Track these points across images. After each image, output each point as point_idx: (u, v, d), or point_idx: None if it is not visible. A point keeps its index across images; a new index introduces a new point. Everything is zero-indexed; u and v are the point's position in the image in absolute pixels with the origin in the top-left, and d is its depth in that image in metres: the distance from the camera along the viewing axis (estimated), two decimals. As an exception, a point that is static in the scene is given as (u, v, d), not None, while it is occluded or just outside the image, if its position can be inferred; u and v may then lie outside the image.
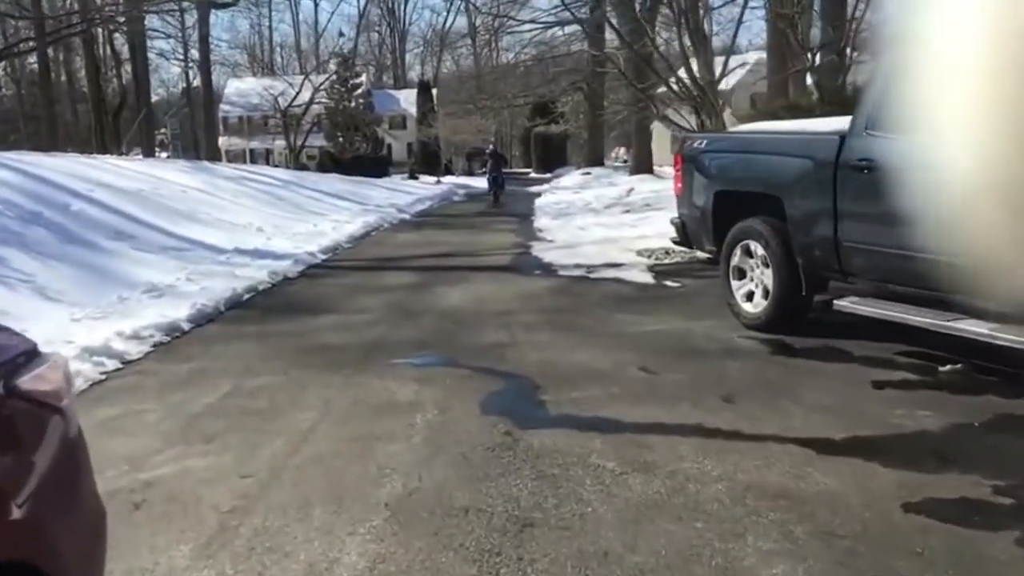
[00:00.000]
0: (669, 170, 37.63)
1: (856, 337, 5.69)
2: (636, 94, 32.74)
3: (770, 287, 5.91)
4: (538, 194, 26.55)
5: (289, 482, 3.81)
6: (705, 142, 6.67)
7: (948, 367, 4.99)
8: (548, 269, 9.66)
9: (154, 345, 6.55)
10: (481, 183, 41.01)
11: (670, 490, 3.53)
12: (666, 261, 9.77)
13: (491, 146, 34.55)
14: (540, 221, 15.45)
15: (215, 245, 11.28)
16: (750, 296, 6.18)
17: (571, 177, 38.30)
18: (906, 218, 4.29)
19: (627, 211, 15.56)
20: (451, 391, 5.06)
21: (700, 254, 9.44)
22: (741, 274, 6.26)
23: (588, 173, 38.87)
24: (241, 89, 62.09)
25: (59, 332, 6.68)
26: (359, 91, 53.93)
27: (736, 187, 6.25)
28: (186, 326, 7.19)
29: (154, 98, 78.13)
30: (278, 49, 78.20)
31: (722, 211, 6.34)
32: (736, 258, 6.24)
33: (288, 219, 15.09)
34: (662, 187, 19.27)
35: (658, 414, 4.46)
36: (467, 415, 4.62)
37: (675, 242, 7.35)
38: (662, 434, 4.19)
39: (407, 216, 18.59)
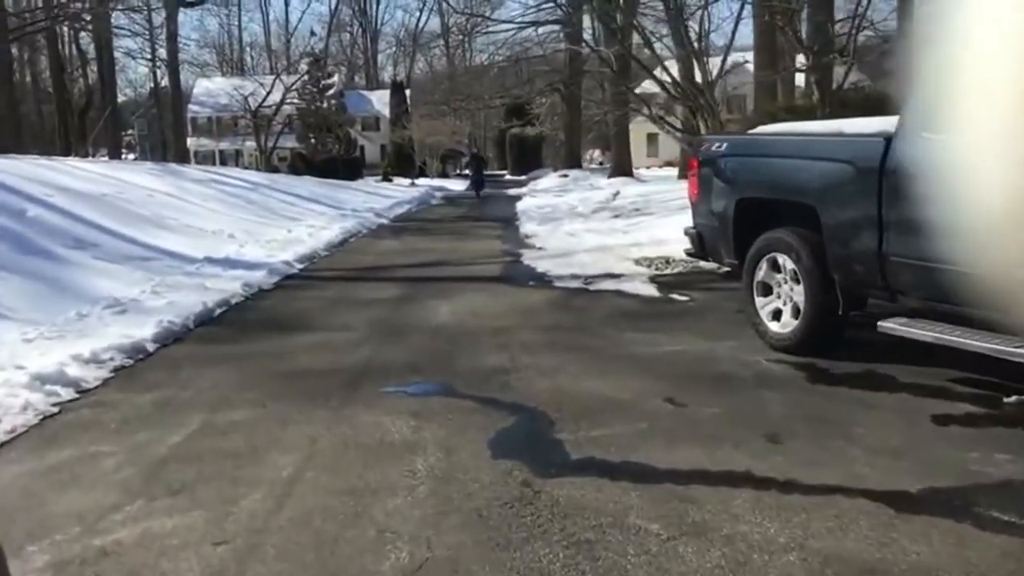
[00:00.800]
0: (647, 172, 37.46)
1: (897, 360, 5.16)
2: (617, 95, 32.53)
3: (801, 305, 5.36)
4: (518, 197, 25.99)
5: (272, 552, 3.18)
6: (725, 145, 6.10)
7: (1014, 398, 4.46)
8: (543, 280, 9.06)
9: (115, 370, 5.87)
10: (457, 185, 40.65)
11: (732, 563, 2.95)
12: (667, 271, 9.22)
13: (473, 149, 35.48)
14: (526, 227, 14.85)
15: (184, 254, 10.57)
16: (777, 315, 5.63)
17: (549, 179, 37.85)
18: (966, 230, 3.75)
19: (616, 216, 15.02)
20: (453, 428, 4.45)
21: (704, 264, 8.91)
22: (767, 290, 5.71)
23: (566, 175, 38.41)
24: (210, 89, 61.03)
25: (8, 355, 5.99)
26: (331, 92, 53.12)
27: (762, 194, 5.69)
28: (151, 347, 6.51)
29: (121, 98, 76.86)
30: (248, 49, 77.23)
31: (745, 221, 5.78)
32: (761, 272, 5.68)
33: (261, 224, 14.38)
34: (647, 191, 18.81)
35: (698, 458, 3.88)
36: (476, 459, 4.01)
37: (690, 254, 6.78)
38: (707, 484, 3.60)
39: (386, 221, 17.92)
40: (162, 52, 47.52)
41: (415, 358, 5.98)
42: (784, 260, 5.47)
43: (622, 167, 33.33)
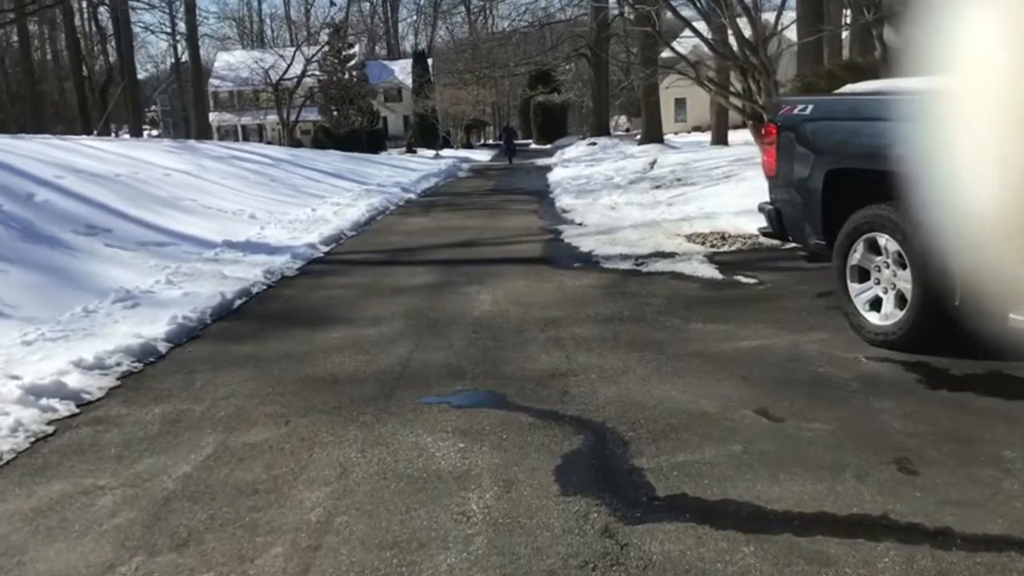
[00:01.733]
0: (677, 139, 36.35)
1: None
2: (648, 59, 31.41)
3: (908, 293, 4.58)
4: (547, 168, 25.18)
5: (297, 641, 2.51)
6: (811, 107, 5.27)
7: None
8: (589, 260, 8.31)
9: (122, 377, 5.24)
10: (482, 155, 39.98)
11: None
12: (725, 249, 8.43)
13: (506, 122, 37.29)
14: (562, 200, 14.04)
15: (201, 238, 9.92)
16: (876, 304, 4.85)
17: (576, 148, 36.84)
18: None
19: (657, 187, 14.18)
20: (510, 451, 3.75)
21: (765, 240, 8.12)
22: (863, 275, 4.93)
23: (594, 143, 37.40)
24: (231, 63, 60.38)
25: (3, 362, 5.38)
26: (352, 62, 52.31)
27: (858, 164, 4.88)
28: (163, 347, 5.87)
29: (143, 74, 76.76)
30: (268, 21, 76.47)
31: (836, 195, 4.99)
32: (857, 255, 4.90)
33: (284, 203, 13.70)
34: (685, 159, 17.93)
35: (816, 495, 3.15)
36: (541, 496, 3.31)
37: (765, 234, 6.00)
38: (837, 535, 2.87)
39: (413, 196, 17.19)
40: (181, 26, 46.92)
41: (456, 358, 5.28)
42: (886, 241, 4.68)
43: (653, 133, 32.25)
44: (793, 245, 6.28)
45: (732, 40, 11.21)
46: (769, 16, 11.58)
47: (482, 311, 6.49)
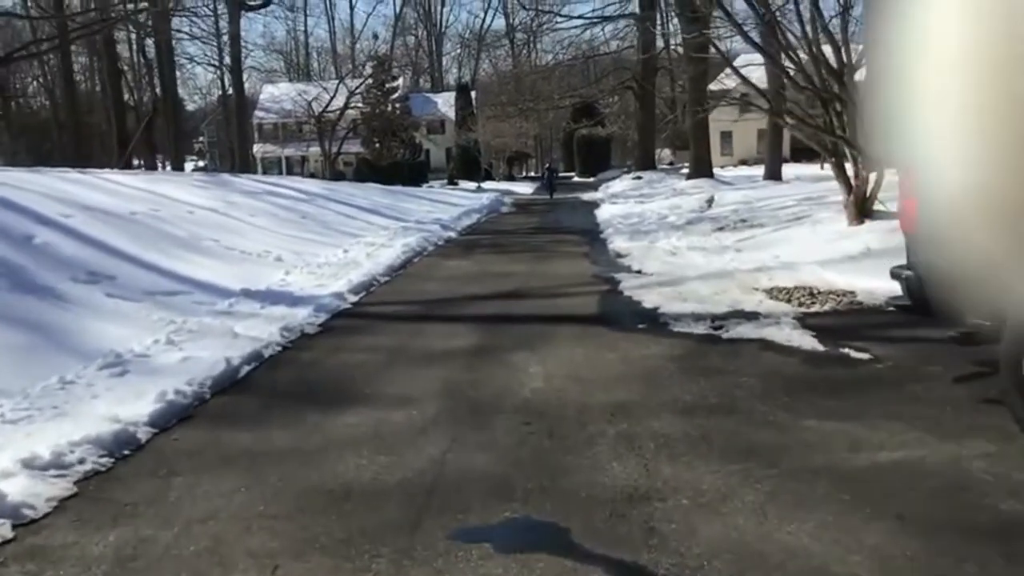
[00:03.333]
0: (726, 172, 35.13)
1: None
2: (696, 90, 30.29)
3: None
4: (594, 204, 24.04)
5: None
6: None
7: None
8: (654, 320, 7.10)
9: (81, 480, 4.15)
10: (524, 188, 39.17)
11: None
12: (816, 309, 7.17)
13: (548, 162, 39.04)
14: (615, 242, 12.84)
15: (218, 285, 8.89)
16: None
17: (622, 182, 35.75)
18: None
19: (720, 228, 12.94)
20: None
21: (865, 300, 6.88)
22: (1051, 372, 3.68)
23: (640, 177, 36.29)
24: (275, 95, 60.33)
25: (-60, 455, 4.31)
26: (396, 95, 51.80)
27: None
28: (144, 434, 4.78)
29: (191, 106, 77.50)
30: (314, 54, 76.70)
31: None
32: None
33: (314, 243, 12.70)
34: (747, 196, 16.69)
35: None
36: None
37: (901, 307, 4.77)
38: None
39: (453, 234, 16.11)
40: (228, 58, 46.78)
41: (503, 464, 4.10)
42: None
43: (702, 167, 30.97)
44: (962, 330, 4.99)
45: (809, 68, 10.01)
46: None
47: (533, 390, 5.32)
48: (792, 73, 10.24)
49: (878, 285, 7.54)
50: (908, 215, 4.41)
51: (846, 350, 5.72)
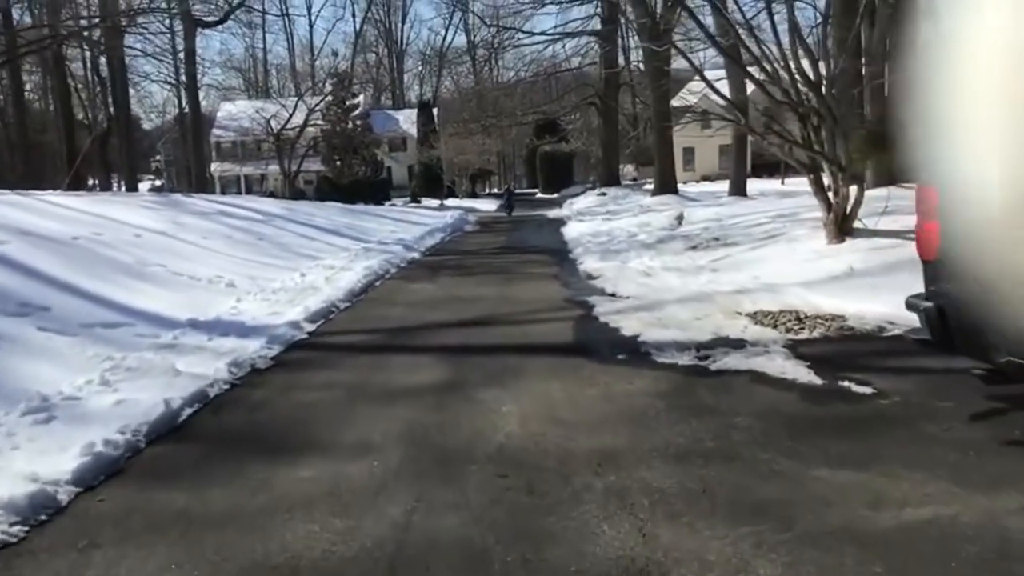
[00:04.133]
0: (689, 188, 34.99)
1: None
2: (660, 107, 30.09)
3: None
4: (560, 221, 23.61)
5: None
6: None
7: None
8: (635, 351, 6.60)
9: (-20, 558, 3.54)
10: (487, 205, 38.75)
11: None
12: (805, 336, 6.73)
13: (508, 184, 40.00)
14: (586, 262, 12.36)
15: (162, 315, 8.25)
16: None
17: (586, 198, 35.43)
18: None
19: (693, 247, 12.52)
20: None
21: (856, 325, 6.48)
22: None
23: (604, 194, 35.99)
24: (233, 112, 59.42)
25: None
26: (356, 112, 51.22)
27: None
28: (66, 495, 4.18)
29: (148, 125, 76.22)
30: (273, 71, 75.85)
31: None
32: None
33: (270, 266, 12.06)
34: (716, 213, 16.35)
35: None
36: None
37: (918, 340, 4.32)
38: None
39: (417, 255, 15.53)
40: (182, 76, 45.84)
41: (476, 529, 3.57)
42: None
43: (667, 184, 30.71)
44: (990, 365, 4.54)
45: (785, 81, 9.63)
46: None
47: (508, 434, 4.79)
48: (768, 86, 9.85)
49: (867, 308, 7.15)
50: (927, 240, 3.96)
51: (846, 383, 5.26)
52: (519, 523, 3.61)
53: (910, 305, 4.23)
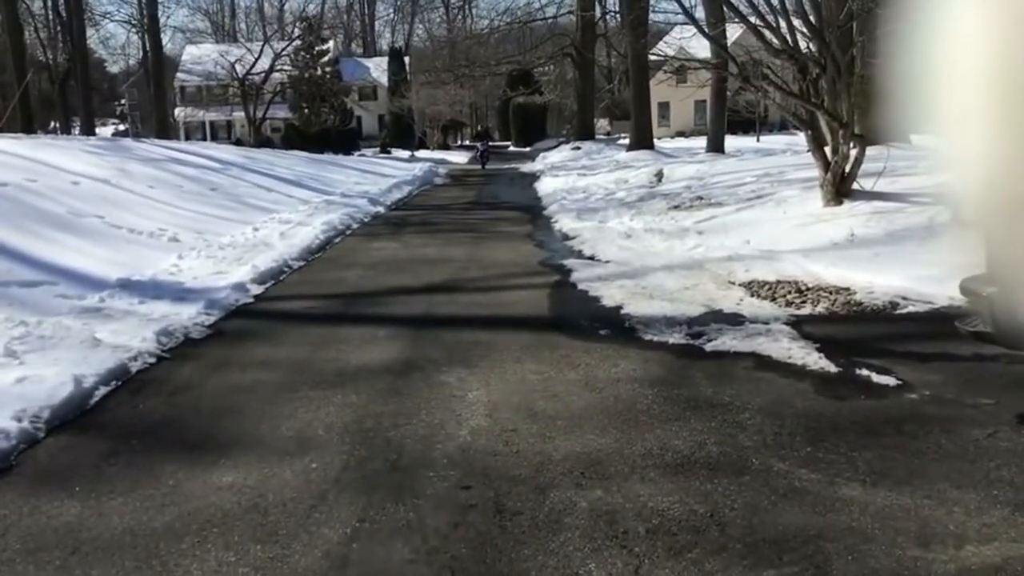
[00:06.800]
0: (665, 144, 34.20)
1: None
2: (637, 57, 29.09)
3: None
4: (534, 176, 22.74)
5: None
6: None
7: None
8: (619, 325, 5.87)
9: None
10: (459, 158, 37.60)
11: None
12: (808, 311, 6.03)
13: (480, 128, 37.40)
14: (561, 221, 11.58)
15: (91, 275, 7.40)
16: None
17: (559, 152, 34.49)
18: None
19: (675, 207, 11.76)
20: None
21: (864, 300, 5.79)
22: None
23: (578, 148, 35.06)
24: (198, 56, 57.47)
25: None
26: (326, 58, 49.58)
27: None
28: (-74, 504, 3.39)
29: (114, 68, 73.73)
30: (241, 15, 73.51)
31: None
32: None
33: (221, 220, 11.16)
34: (696, 171, 15.59)
35: None
36: None
37: (977, 335, 3.62)
38: None
39: (382, 209, 14.66)
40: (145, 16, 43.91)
41: (431, 568, 2.84)
42: None
43: (643, 138, 29.88)
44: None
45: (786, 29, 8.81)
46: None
47: (474, 430, 4.05)
48: (765, 35, 9.04)
49: (876, 280, 6.47)
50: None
51: (864, 371, 4.57)
52: (484, 558, 2.89)
53: (966, 290, 3.52)
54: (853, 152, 8.83)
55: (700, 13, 25.05)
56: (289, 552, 2.97)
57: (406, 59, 59.31)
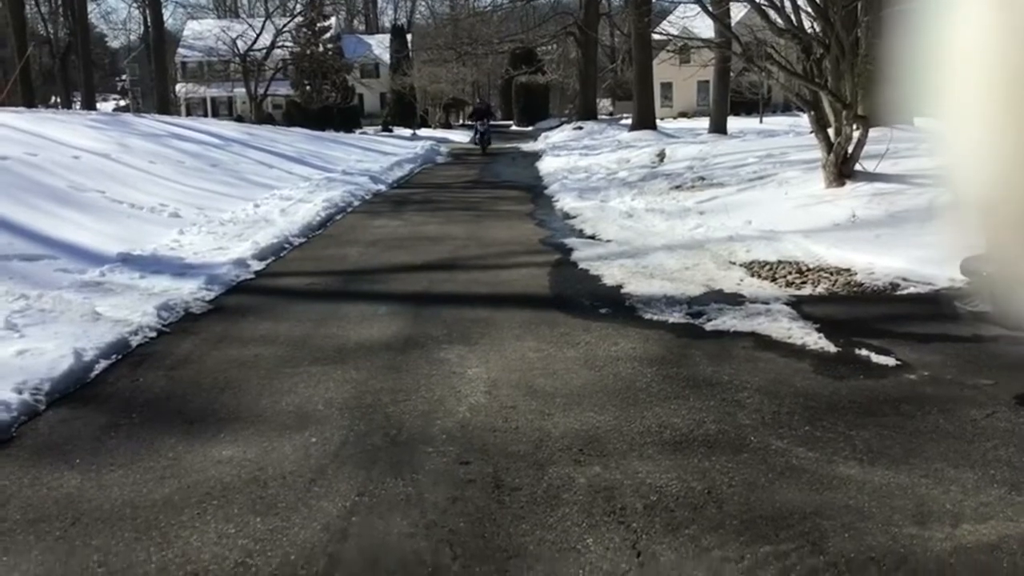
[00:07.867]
0: (668, 125, 34.04)
1: None
2: (640, 36, 28.89)
3: None
4: (536, 155, 22.67)
5: None
6: None
7: None
8: (619, 304, 5.88)
9: None
10: (461, 137, 37.31)
11: None
12: (809, 291, 6.03)
13: (477, 101, 36.54)
14: (563, 200, 11.57)
15: (91, 249, 7.40)
16: None
17: (562, 132, 34.37)
18: None
19: (677, 187, 11.74)
20: None
21: (863, 280, 5.78)
22: None
23: (580, 128, 34.94)
24: (199, 31, 57.15)
25: None
26: (328, 35, 49.32)
27: None
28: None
29: (116, 43, 73.35)
30: (243, -11, 72.92)
31: None
32: None
33: (222, 196, 11.15)
34: (699, 151, 15.52)
35: None
36: None
37: (976, 314, 3.62)
38: None
39: (383, 187, 14.63)
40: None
41: (429, 541, 2.86)
42: None
43: (646, 119, 29.74)
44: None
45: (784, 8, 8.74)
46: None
47: (473, 406, 4.06)
48: (769, 14, 8.97)
49: (876, 261, 6.46)
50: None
51: (863, 351, 4.58)
52: (483, 532, 2.90)
53: (966, 270, 3.53)
54: (856, 133, 8.80)
55: (704, -8, 24.90)
56: (288, 524, 2.99)
57: (408, 36, 58.98)
